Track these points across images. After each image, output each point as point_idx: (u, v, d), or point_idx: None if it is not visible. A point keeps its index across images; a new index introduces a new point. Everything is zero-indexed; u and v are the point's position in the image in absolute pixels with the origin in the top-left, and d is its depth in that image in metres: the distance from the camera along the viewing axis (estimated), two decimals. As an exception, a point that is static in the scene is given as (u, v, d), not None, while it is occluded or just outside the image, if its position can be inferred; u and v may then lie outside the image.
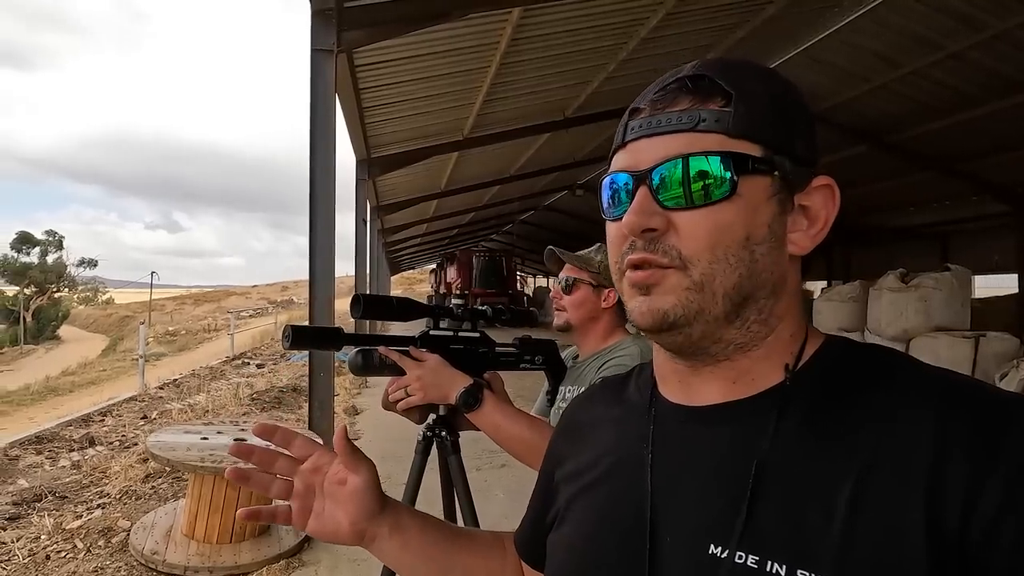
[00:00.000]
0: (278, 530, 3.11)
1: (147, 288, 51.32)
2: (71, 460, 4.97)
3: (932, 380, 0.44)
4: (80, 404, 10.80)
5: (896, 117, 8.21)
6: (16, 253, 37.21)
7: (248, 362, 11.76)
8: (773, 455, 0.44)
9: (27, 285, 36.86)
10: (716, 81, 0.47)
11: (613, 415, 0.59)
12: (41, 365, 26.01)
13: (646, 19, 5.90)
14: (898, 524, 0.39)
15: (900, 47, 6.52)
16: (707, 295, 0.46)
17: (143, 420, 6.40)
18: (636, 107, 0.50)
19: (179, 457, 2.75)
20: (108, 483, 4.15)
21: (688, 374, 0.51)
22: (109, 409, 6.93)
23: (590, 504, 0.55)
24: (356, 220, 8.52)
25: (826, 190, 0.49)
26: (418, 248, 24.60)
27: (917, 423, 0.41)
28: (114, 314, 48.50)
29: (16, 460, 5.00)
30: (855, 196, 11.04)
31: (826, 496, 0.41)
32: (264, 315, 32.24)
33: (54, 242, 38.89)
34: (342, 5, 4.07)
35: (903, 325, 6.74)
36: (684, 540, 0.46)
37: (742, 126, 0.46)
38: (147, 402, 7.47)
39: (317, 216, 3.98)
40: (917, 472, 0.39)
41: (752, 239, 0.46)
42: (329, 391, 4.12)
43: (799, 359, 0.48)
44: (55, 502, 3.93)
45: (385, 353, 1.04)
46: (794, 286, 0.50)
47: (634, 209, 0.47)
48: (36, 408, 13.92)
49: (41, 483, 4.30)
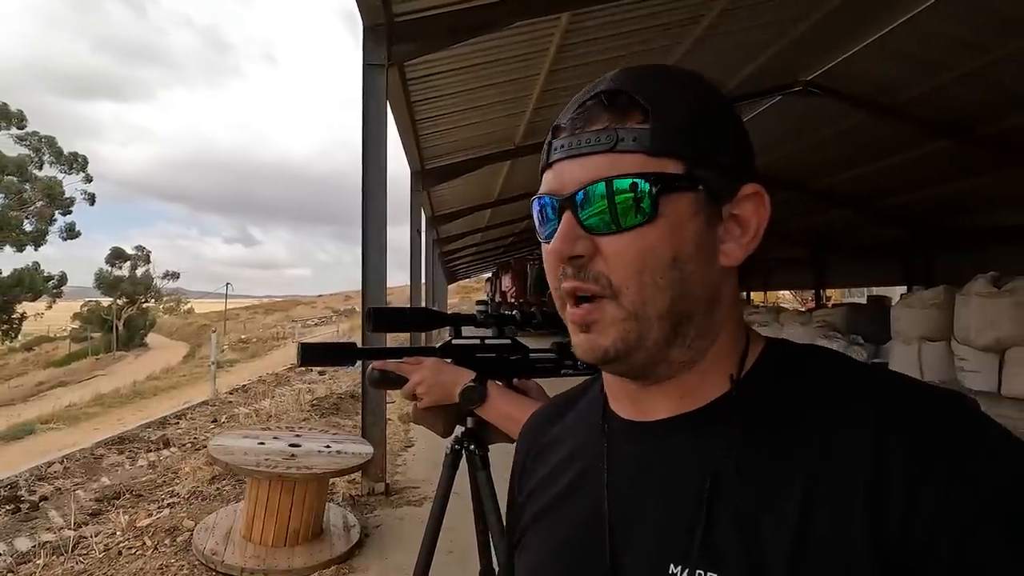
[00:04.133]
0: (330, 535, 3.17)
1: (223, 298, 54.64)
2: (148, 460, 5.30)
3: (871, 382, 0.44)
4: (161, 407, 11.58)
5: (984, 107, 7.54)
6: (110, 267, 40.58)
7: (311, 369, 12.23)
8: (726, 467, 0.44)
9: (119, 296, 40.08)
10: (633, 96, 0.46)
11: (568, 432, 0.58)
12: (131, 370, 28.18)
13: (700, 17, 5.71)
14: (844, 534, 0.39)
15: (987, 31, 5.99)
16: (643, 322, 0.46)
17: (213, 424, 6.75)
18: (557, 125, 0.49)
19: (236, 461, 2.85)
20: (179, 483, 4.38)
21: (636, 391, 0.51)
22: (184, 413, 7.37)
23: (550, 526, 0.55)
24: (411, 231, 8.70)
25: (756, 198, 0.48)
26: (474, 257, 24.89)
27: (857, 429, 0.41)
28: (194, 323, 51.94)
29: (101, 459, 5.38)
30: (938, 195, 10.22)
31: (777, 507, 0.41)
32: (327, 324, 33.54)
33: (142, 256, 42.14)
34: (393, 20, 4.18)
35: (995, 334, 6.13)
36: (645, 560, 0.46)
37: (661, 143, 0.45)
38: (217, 406, 7.89)
39: (369, 228, 4.09)
40: (859, 480, 0.39)
41: (680, 258, 0.45)
42: (381, 400, 4.19)
43: (742, 367, 0.48)
44: (132, 500, 4.18)
45: (380, 366, 1.01)
46: (731, 296, 0.49)
47: (560, 236, 0.46)
48: (124, 410, 15.05)
49: (121, 481, 4.60)
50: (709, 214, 0.46)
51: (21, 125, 27.94)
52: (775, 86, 7.62)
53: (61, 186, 29.11)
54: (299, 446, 3.20)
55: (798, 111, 8.20)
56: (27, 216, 27.40)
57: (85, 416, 14.20)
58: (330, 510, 3.49)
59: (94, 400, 16.63)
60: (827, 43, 6.43)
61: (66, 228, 29.70)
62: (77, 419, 13.76)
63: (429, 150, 7.85)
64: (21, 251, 27.55)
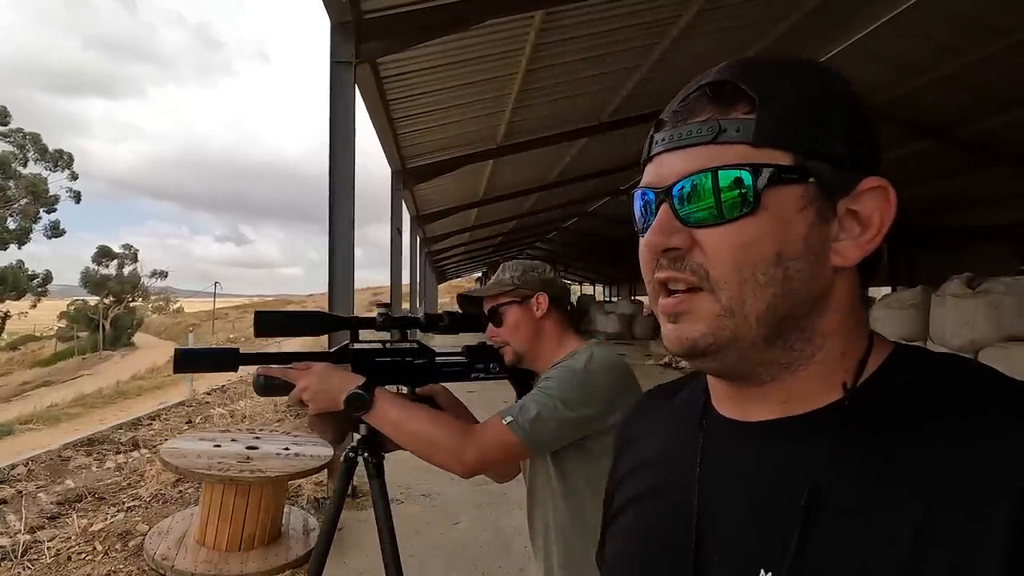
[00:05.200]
0: (287, 540, 3.12)
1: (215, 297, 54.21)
2: (116, 462, 5.21)
3: (1018, 395, 0.39)
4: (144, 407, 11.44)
5: (964, 109, 7.58)
6: (96, 265, 40.12)
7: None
8: (830, 478, 0.41)
9: (106, 295, 39.65)
10: (739, 86, 0.44)
11: (663, 425, 0.57)
12: (117, 369, 27.87)
13: (678, 17, 5.70)
14: (972, 560, 0.34)
15: (964, 33, 6.02)
16: (739, 320, 0.43)
17: (187, 425, 6.66)
18: (661, 119, 0.48)
19: (187, 464, 2.80)
20: (143, 486, 4.31)
21: (735, 392, 0.49)
22: (158, 413, 7.27)
23: (637, 518, 0.54)
24: (391, 230, 8.65)
25: (878, 192, 0.44)
26: (463, 256, 24.84)
27: (998, 446, 0.36)
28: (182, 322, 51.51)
29: (68, 461, 5.29)
30: (919, 195, 10.29)
31: (887, 526, 0.38)
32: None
33: (129, 255, 41.68)
34: (361, 17, 4.12)
35: (970, 335, 6.17)
36: (733, 561, 0.44)
37: (767, 134, 0.43)
38: (194, 407, 7.79)
39: (336, 228, 4.03)
40: (997, 502, 0.35)
41: (784, 255, 0.43)
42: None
43: (859, 375, 0.44)
44: (93, 503, 4.11)
45: (265, 372, 0.97)
46: (844, 299, 0.46)
47: (655, 228, 0.45)
48: (106, 410, 14.84)
49: (85, 484, 4.52)
50: (821, 209, 0.43)
51: (5, 121, 27.59)
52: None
53: (46, 183, 28.76)
54: (256, 448, 3.15)
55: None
56: (10, 214, 27.05)
57: (66, 417, 14.01)
58: (291, 513, 3.44)
59: (76, 400, 16.42)
60: (807, 45, 6.43)
61: (50, 226, 29.36)
62: (58, 420, 13.56)
63: (409, 149, 7.80)
64: (5, 249, 27.22)
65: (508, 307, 1.19)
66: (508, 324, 1.19)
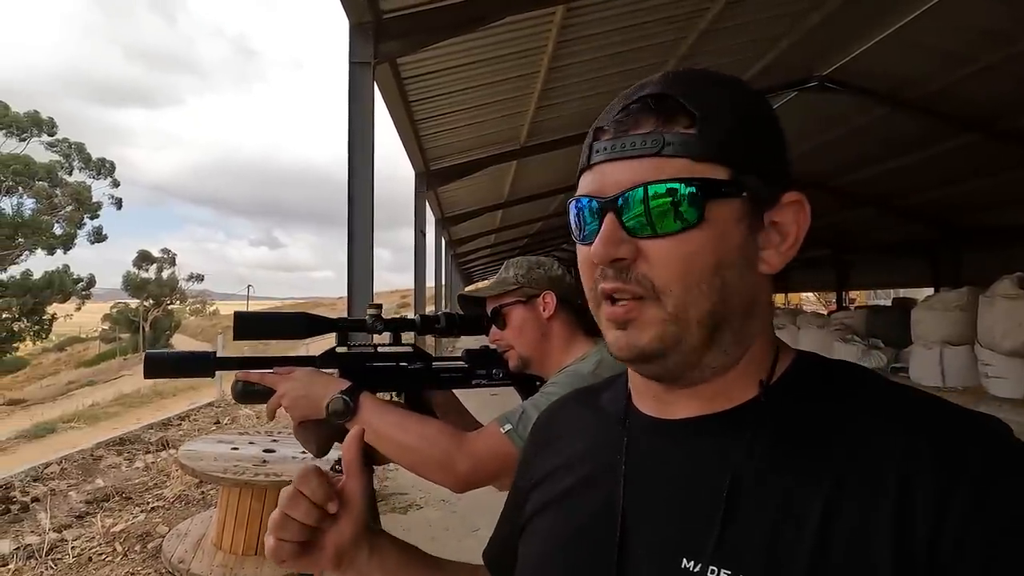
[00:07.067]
0: (304, 544, 3.09)
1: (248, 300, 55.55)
2: (145, 462, 5.31)
3: (899, 397, 0.45)
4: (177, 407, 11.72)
5: (1013, 101, 7.17)
6: (137, 269, 41.56)
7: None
8: (747, 469, 0.44)
9: (146, 298, 41.02)
10: (680, 101, 0.46)
11: (585, 424, 0.58)
12: (155, 370, 28.70)
13: (705, 10, 5.52)
14: (867, 540, 0.39)
15: (1014, 20, 5.67)
16: (683, 327, 0.46)
17: (215, 425, 6.76)
18: (600, 127, 0.49)
19: (204, 467, 2.79)
20: (168, 486, 4.36)
21: (663, 392, 0.51)
22: (188, 414, 7.41)
23: (560, 514, 0.55)
24: (415, 232, 8.66)
25: (797, 205, 0.48)
26: (489, 258, 24.84)
27: (886, 439, 0.42)
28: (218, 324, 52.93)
29: (99, 460, 5.41)
30: (964, 192, 9.80)
31: (798, 511, 0.41)
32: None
33: (168, 259, 43.03)
34: (380, 17, 4.10)
35: (1022, 337, 5.81)
36: (657, 553, 0.46)
37: (708, 149, 0.45)
38: (222, 408, 7.93)
39: (355, 230, 4.00)
40: (886, 488, 0.40)
41: (722, 264, 0.45)
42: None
43: (772, 374, 0.48)
44: (120, 502, 4.17)
45: (243, 377, 0.90)
46: (766, 303, 0.50)
47: (602, 239, 0.46)
48: (143, 410, 15.29)
49: (114, 483, 4.60)
50: (751, 221, 0.47)
51: (52, 132, 28.78)
52: (789, 82, 7.36)
53: (89, 191, 29.89)
54: (273, 452, 3.13)
55: (814, 107, 7.91)
56: (57, 220, 28.20)
57: (105, 415, 14.47)
58: (308, 518, 3.41)
59: (116, 400, 16.97)
60: (843, 35, 6.16)
61: (94, 231, 30.49)
62: (98, 418, 14.02)
63: (432, 151, 7.78)
64: (52, 254, 28.38)
65: (512, 307, 1.11)
66: (512, 326, 1.10)
